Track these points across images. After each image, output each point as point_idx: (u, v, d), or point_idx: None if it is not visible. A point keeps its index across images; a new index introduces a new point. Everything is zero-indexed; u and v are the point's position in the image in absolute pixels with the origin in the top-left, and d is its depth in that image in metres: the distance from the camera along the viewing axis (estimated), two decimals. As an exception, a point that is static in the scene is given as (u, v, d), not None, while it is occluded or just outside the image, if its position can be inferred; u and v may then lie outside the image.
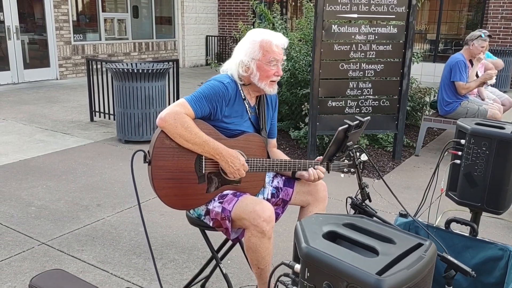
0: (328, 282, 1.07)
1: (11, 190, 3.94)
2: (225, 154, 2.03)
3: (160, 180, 2.03)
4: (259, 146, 2.18)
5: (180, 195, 2.07)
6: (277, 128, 2.44)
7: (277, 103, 2.39)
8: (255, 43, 2.09)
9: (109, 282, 2.65)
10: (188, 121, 1.98)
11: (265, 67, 2.09)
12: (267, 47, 2.09)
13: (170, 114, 1.98)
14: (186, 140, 1.99)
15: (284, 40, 2.14)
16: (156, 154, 2.01)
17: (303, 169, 2.19)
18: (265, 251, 2.02)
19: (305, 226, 1.20)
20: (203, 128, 2.04)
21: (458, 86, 5.03)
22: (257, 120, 2.25)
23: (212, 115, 2.09)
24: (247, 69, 2.10)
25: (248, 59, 2.09)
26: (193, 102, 2.03)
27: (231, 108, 2.12)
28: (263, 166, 2.13)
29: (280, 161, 2.16)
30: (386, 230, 1.23)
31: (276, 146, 2.47)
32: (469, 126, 2.29)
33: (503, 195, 2.27)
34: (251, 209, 1.98)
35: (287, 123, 5.76)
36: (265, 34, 2.11)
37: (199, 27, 13.61)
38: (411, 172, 4.72)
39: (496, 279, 2.12)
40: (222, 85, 2.08)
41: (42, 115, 6.80)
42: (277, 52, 2.10)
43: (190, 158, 2.05)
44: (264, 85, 2.13)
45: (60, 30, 10.16)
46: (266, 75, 2.11)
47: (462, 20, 11.68)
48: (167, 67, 5.45)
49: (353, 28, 4.61)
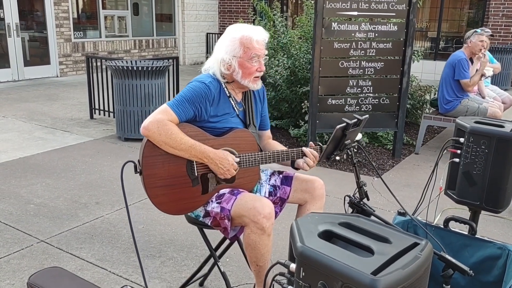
0: (323, 281, 1.06)
1: (10, 188, 3.94)
2: (213, 157, 2.02)
3: (154, 189, 2.02)
4: (249, 141, 2.16)
5: (176, 200, 2.06)
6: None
7: (265, 94, 2.37)
8: (235, 40, 2.06)
9: (108, 280, 2.65)
10: (172, 128, 1.97)
11: (247, 64, 2.07)
12: (248, 43, 2.05)
13: (152, 122, 1.96)
14: (172, 147, 1.97)
15: (265, 35, 2.11)
16: (146, 163, 1.99)
17: (297, 157, 2.16)
18: (265, 248, 2.02)
19: (300, 225, 1.20)
20: (189, 131, 2.02)
21: (464, 84, 5.01)
22: (245, 116, 2.24)
23: (197, 117, 2.07)
24: (229, 67, 2.08)
25: (229, 57, 2.06)
26: (175, 106, 2.01)
27: (216, 107, 2.10)
28: (255, 160, 2.12)
29: (272, 153, 2.14)
30: (382, 230, 1.22)
31: (272, 137, 2.46)
32: (468, 125, 2.28)
33: (502, 194, 2.26)
34: (251, 206, 1.98)
35: (287, 121, 5.75)
36: (245, 30, 2.07)
37: (200, 24, 13.59)
38: (411, 170, 4.71)
39: (495, 278, 2.12)
40: (203, 86, 2.06)
41: (42, 113, 6.80)
42: (258, 48, 2.07)
43: (181, 163, 2.03)
44: (247, 82, 2.11)
45: (60, 27, 10.15)
46: (248, 72, 2.09)
47: (463, 18, 11.65)
48: (166, 65, 5.44)
49: (353, 26, 4.59)
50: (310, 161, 2.15)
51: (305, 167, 2.17)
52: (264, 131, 2.40)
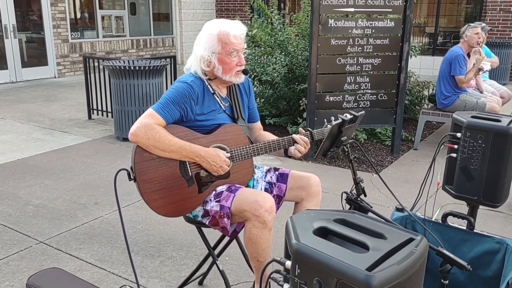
0: (319, 278, 1.06)
1: (9, 189, 3.94)
2: (204, 155, 2.02)
3: (150, 193, 2.02)
4: (239, 135, 2.17)
5: (174, 202, 2.06)
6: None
7: (251, 86, 2.36)
8: (212, 36, 2.06)
9: (107, 280, 2.65)
10: (160, 131, 1.97)
11: (226, 60, 2.07)
12: (225, 39, 2.06)
13: (140, 127, 1.97)
14: (162, 150, 1.98)
15: (242, 29, 2.11)
16: (139, 169, 1.99)
17: (288, 145, 2.17)
18: (265, 243, 2.02)
19: (295, 222, 1.20)
20: (177, 132, 2.02)
21: (458, 80, 5.02)
22: (232, 111, 2.24)
23: (183, 117, 2.07)
24: (208, 63, 2.09)
25: (208, 54, 2.07)
26: (160, 109, 2.01)
27: (201, 105, 2.10)
28: (247, 153, 2.12)
29: (263, 144, 2.14)
30: (377, 226, 1.22)
31: (263, 129, 2.46)
32: (465, 119, 2.28)
33: (499, 188, 2.25)
34: (252, 200, 1.98)
35: (285, 118, 5.74)
36: (222, 26, 2.07)
37: (197, 23, 13.56)
38: (409, 166, 4.71)
39: (493, 273, 2.12)
40: (186, 85, 2.06)
41: (40, 114, 6.79)
42: (236, 42, 2.07)
43: (174, 164, 2.03)
44: (229, 77, 2.12)
45: (58, 28, 10.13)
46: (228, 67, 2.09)
47: (460, 12, 11.63)
48: (164, 64, 5.44)
49: (350, 22, 4.59)
50: (301, 148, 2.17)
51: (297, 154, 2.19)
52: (254, 123, 2.41)
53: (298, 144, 2.17)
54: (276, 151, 2.20)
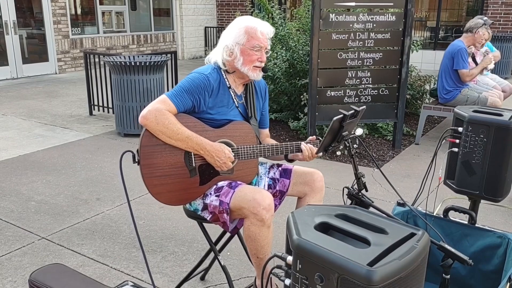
0: (320, 273, 1.06)
1: (11, 185, 3.95)
2: (209, 149, 2.02)
3: (152, 178, 2.02)
4: (248, 134, 2.16)
5: (174, 190, 2.06)
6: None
7: (267, 92, 2.38)
8: (240, 29, 2.11)
9: (109, 276, 2.66)
10: (170, 118, 1.98)
11: (249, 51, 2.09)
12: (252, 32, 2.09)
13: (151, 111, 1.98)
14: (169, 136, 1.98)
15: (270, 29, 2.15)
16: (144, 153, 2.00)
17: (296, 150, 2.18)
18: (264, 240, 2.02)
19: (297, 218, 1.20)
20: (187, 121, 2.03)
21: (462, 74, 4.99)
22: (245, 109, 2.24)
23: (195, 108, 2.08)
24: (230, 53, 2.11)
25: (233, 43, 2.10)
26: (174, 97, 2.03)
27: (215, 98, 2.11)
28: (253, 153, 2.12)
29: (271, 146, 2.15)
30: (378, 220, 1.22)
31: (269, 136, 2.46)
32: (467, 114, 2.27)
33: (501, 183, 2.25)
34: (251, 198, 1.98)
35: (286, 113, 5.74)
36: (251, 21, 2.13)
37: (198, 18, 13.53)
38: (411, 160, 4.70)
39: (495, 267, 2.12)
40: (203, 77, 2.08)
41: (41, 110, 6.79)
42: (262, 38, 2.11)
43: (179, 153, 2.03)
44: (247, 70, 2.12)
45: (58, 24, 10.11)
46: (249, 59, 2.10)
47: (462, 6, 11.57)
48: (164, 59, 5.43)
49: (351, 16, 4.57)
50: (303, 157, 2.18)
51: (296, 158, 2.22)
52: (262, 129, 2.41)
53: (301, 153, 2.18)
54: (282, 154, 2.21)
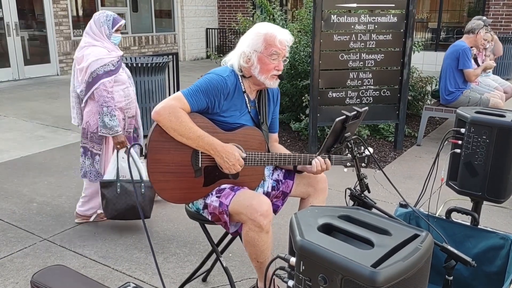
0: (323, 275, 1.06)
1: (13, 187, 3.95)
2: (220, 150, 2.02)
3: (156, 174, 2.02)
4: (258, 140, 2.16)
5: (177, 188, 2.07)
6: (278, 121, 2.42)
7: (279, 97, 2.37)
8: (259, 35, 2.08)
9: (111, 277, 2.65)
10: (183, 115, 1.97)
11: (265, 60, 2.07)
12: (270, 40, 2.06)
13: (165, 107, 1.97)
14: (180, 134, 1.98)
15: (289, 38, 2.11)
16: (152, 148, 2.00)
17: (303, 163, 2.15)
18: (264, 245, 2.01)
19: (300, 219, 1.19)
20: (199, 121, 2.02)
21: (468, 73, 4.98)
22: (257, 114, 2.23)
23: (209, 109, 2.07)
24: (247, 60, 2.08)
25: (250, 50, 2.07)
26: (189, 95, 2.02)
27: (229, 101, 2.10)
28: (261, 160, 2.11)
29: (280, 155, 2.13)
30: (382, 222, 1.22)
31: (278, 141, 2.45)
32: (469, 115, 2.27)
33: (504, 184, 2.25)
34: (248, 204, 1.97)
35: (288, 115, 5.74)
36: (271, 28, 2.09)
37: (199, 20, 13.54)
38: (413, 162, 4.70)
39: (498, 268, 2.11)
40: (220, 79, 2.06)
41: (43, 111, 6.80)
42: (280, 47, 2.07)
43: (187, 152, 2.04)
44: (264, 79, 2.11)
45: (60, 25, 10.13)
46: (266, 68, 2.09)
47: (463, 7, 11.57)
48: (166, 61, 5.43)
49: (352, 18, 4.57)
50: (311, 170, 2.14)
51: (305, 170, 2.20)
52: (272, 133, 2.40)
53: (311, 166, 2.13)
54: (289, 165, 2.19)
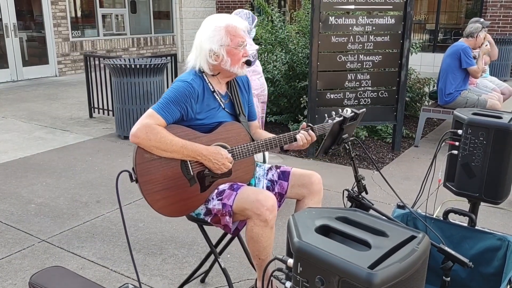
0: (321, 276, 1.06)
1: (11, 188, 3.95)
2: (205, 153, 2.03)
3: (152, 194, 2.02)
4: (240, 133, 2.17)
5: (176, 202, 2.06)
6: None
7: (250, 84, 2.37)
8: (219, 29, 2.08)
9: (109, 278, 2.66)
10: (160, 131, 1.97)
11: (234, 51, 2.09)
12: (233, 31, 2.09)
13: (140, 128, 1.96)
14: (164, 150, 1.98)
15: (245, 24, 2.17)
16: (140, 170, 1.99)
17: (289, 142, 2.17)
18: (267, 241, 2.02)
19: (297, 220, 1.20)
20: (178, 131, 2.02)
21: (473, 71, 4.98)
22: (232, 107, 2.24)
23: (184, 116, 2.07)
24: (216, 57, 2.09)
25: (217, 47, 2.07)
26: (161, 110, 2.01)
27: (201, 103, 2.10)
28: (248, 151, 2.12)
29: (265, 141, 2.14)
30: (379, 223, 1.22)
31: (259, 127, 2.47)
32: (466, 116, 2.28)
33: (501, 185, 2.26)
34: (254, 199, 1.99)
35: (286, 116, 5.74)
36: (227, 19, 2.11)
37: (198, 21, 13.54)
38: (410, 163, 4.71)
39: (495, 269, 2.12)
40: (186, 84, 2.06)
41: (42, 113, 6.80)
42: (243, 35, 2.13)
43: (175, 164, 2.03)
44: (236, 69, 2.13)
45: (58, 26, 10.12)
46: (237, 58, 2.11)
47: (461, 9, 11.59)
48: (164, 62, 5.43)
49: (350, 19, 4.58)
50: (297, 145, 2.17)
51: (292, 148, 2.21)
52: (251, 121, 2.41)
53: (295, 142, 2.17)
54: (276, 147, 2.20)
